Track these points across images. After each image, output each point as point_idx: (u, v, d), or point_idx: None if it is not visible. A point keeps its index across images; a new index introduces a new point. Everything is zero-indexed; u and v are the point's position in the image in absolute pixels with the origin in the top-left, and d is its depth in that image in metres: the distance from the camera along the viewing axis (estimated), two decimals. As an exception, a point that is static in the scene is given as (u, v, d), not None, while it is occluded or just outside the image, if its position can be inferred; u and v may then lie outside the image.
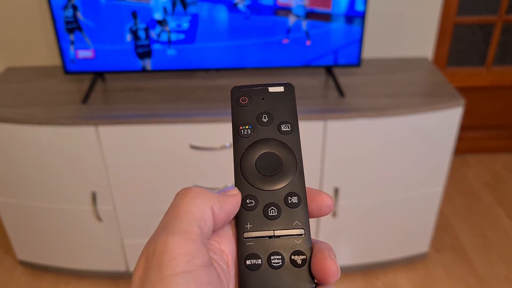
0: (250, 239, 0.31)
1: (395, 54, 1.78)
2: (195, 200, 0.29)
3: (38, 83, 1.61)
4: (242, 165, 0.33)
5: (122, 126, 1.38)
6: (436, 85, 1.56)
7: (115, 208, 1.55)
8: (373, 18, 1.64)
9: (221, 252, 0.30)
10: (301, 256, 0.31)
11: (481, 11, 2.02)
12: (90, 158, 1.44)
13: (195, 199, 0.29)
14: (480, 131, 2.38)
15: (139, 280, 0.26)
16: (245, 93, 0.35)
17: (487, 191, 2.19)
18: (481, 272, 1.77)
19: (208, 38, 1.44)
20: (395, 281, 1.74)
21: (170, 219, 0.28)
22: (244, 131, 0.33)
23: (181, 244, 0.26)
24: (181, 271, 0.25)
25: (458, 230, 1.97)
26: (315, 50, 1.47)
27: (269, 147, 0.33)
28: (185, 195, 0.29)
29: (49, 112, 1.42)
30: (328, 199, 0.32)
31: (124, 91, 1.55)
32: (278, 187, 0.32)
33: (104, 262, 1.70)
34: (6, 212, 1.61)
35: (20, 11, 1.66)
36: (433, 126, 1.46)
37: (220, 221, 0.30)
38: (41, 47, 1.74)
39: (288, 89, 0.35)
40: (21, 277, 1.77)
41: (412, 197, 1.60)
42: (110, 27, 1.41)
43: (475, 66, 2.16)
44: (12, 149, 1.45)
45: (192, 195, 0.29)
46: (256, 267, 0.30)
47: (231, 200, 0.31)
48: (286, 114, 0.34)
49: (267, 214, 0.31)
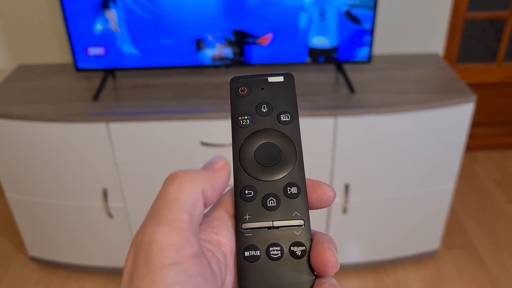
0: (249, 230, 0.30)
1: (406, 50, 1.77)
2: (183, 186, 0.28)
3: (49, 80, 1.62)
4: (241, 155, 0.32)
5: (133, 123, 1.39)
6: (447, 82, 1.55)
7: (125, 205, 1.55)
8: (383, 14, 1.63)
9: (219, 243, 0.29)
10: (301, 248, 0.30)
11: (492, 6, 2.00)
12: (101, 155, 1.45)
13: (183, 185, 0.28)
14: (491, 127, 2.36)
15: (128, 274, 0.25)
16: (244, 83, 0.34)
17: (498, 188, 2.18)
18: (491, 270, 1.76)
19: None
20: (405, 278, 1.74)
21: (158, 207, 0.27)
22: (243, 121, 0.33)
23: (169, 235, 0.25)
24: (169, 263, 0.24)
25: (468, 227, 1.96)
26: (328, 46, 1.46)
27: (268, 137, 0.33)
28: (174, 181, 0.28)
29: (60, 109, 1.43)
30: (329, 190, 0.31)
31: (134, 88, 1.56)
32: (277, 177, 0.32)
33: (115, 259, 1.71)
34: (17, 209, 1.63)
35: (31, 9, 1.67)
36: (444, 123, 1.45)
37: (212, 199, 0.30)
38: (52, 45, 1.75)
39: (288, 78, 0.34)
40: (33, 273, 1.79)
41: (423, 194, 1.59)
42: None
43: (485, 62, 2.15)
44: (24, 146, 1.46)
45: (180, 182, 0.28)
46: (254, 259, 0.30)
47: (221, 175, 0.30)
48: (286, 104, 0.34)
49: (266, 204, 0.31)
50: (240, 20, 1.42)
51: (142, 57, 1.47)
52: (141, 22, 1.41)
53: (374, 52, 1.67)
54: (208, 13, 1.41)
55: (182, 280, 0.24)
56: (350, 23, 1.43)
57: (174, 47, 1.46)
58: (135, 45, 1.45)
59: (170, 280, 0.24)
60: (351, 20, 1.42)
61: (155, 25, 1.42)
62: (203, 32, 1.44)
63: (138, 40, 1.44)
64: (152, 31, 1.42)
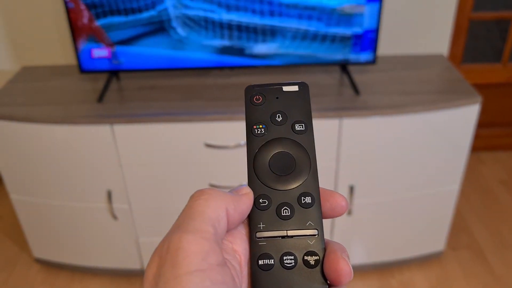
0: (263, 239, 0.31)
1: (410, 51, 1.77)
2: (209, 202, 0.29)
3: (53, 82, 1.62)
4: (255, 164, 0.33)
5: (137, 124, 1.39)
6: (452, 82, 1.55)
7: (130, 207, 1.55)
8: (388, 15, 1.63)
9: (234, 251, 0.30)
10: (314, 257, 0.30)
11: (497, 7, 2.00)
12: (106, 156, 1.45)
13: (209, 201, 0.29)
14: (496, 128, 2.35)
15: (152, 278, 0.26)
16: (259, 92, 0.35)
17: (503, 189, 2.17)
18: (497, 271, 1.75)
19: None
20: (411, 279, 1.73)
21: (184, 219, 0.28)
22: (258, 130, 0.33)
23: (195, 243, 0.26)
24: (195, 269, 0.25)
25: (474, 228, 1.95)
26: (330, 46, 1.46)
27: (282, 147, 0.33)
28: (199, 197, 0.29)
29: (65, 111, 1.43)
30: (341, 199, 0.32)
31: (139, 89, 1.56)
32: (291, 187, 0.32)
33: (119, 260, 1.71)
34: (22, 210, 1.63)
35: (35, 11, 1.67)
36: (450, 124, 1.45)
37: (234, 221, 0.30)
38: (56, 47, 1.75)
39: (302, 88, 0.35)
40: (37, 275, 1.79)
41: (428, 195, 1.59)
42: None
43: (491, 63, 2.14)
44: (28, 147, 1.46)
45: (206, 197, 0.29)
46: (268, 267, 0.30)
47: (244, 199, 0.31)
48: (300, 114, 0.34)
49: (280, 214, 0.31)
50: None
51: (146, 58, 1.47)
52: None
53: (378, 53, 1.67)
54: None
55: (207, 286, 0.25)
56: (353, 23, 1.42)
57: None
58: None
59: (195, 285, 0.25)
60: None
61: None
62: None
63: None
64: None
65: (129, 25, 1.41)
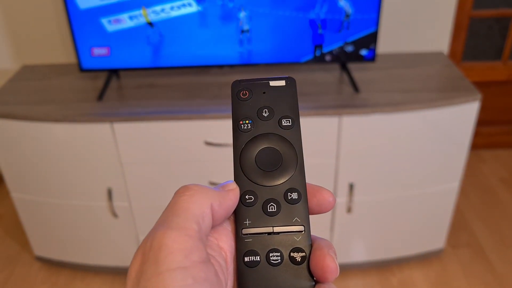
0: (249, 235, 0.30)
1: (410, 49, 1.77)
2: (194, 198, 0.29)
3: (53, 80, 1.62)
4: (241, 160, 0.32)
5: (137, 123, 1.39)
6: (452, 80, 1.54)
7: (130, 205, 1.56)
8: (388, 12, 1.63)
9: (219, 248, 0.30)
10: (301, 253, 0.30)
11: (497, 4, 1.99)
12: (106, 154, 1.45)
13: (194, 197, 0.29)
14: (496, 126, 2.35)
15: (135, 275, 0.26)
16: (246, 87, 0.34)
17: (503, 187, 2.17)
18: (498, 269, 1.75)
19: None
20: (411, 277, 1.73)
21: (168, 215, 0.28)
22: (244, 125, 0.33)
23: (178, 240, 0.26)
24: (177, 267, 0.25)
25: (474, 226, 1.95)
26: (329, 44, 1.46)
27: (269, 142, 0.32)
28: (184, 193, 0.29)
29: (65, 110, 1.43)
30: (329, 195, 0.31)
31: (138, 88, 1.56)
32: (278, 182, 0.32)
33: (120, 258, 1.72)
34: (23, 209, 1.63)
35: (35, 9, 1.68)
36: (449, 122, 1.45)
37: (219, 217, 0.30)
38: (56, 45, 1.75)
39: (289, 82, 0.34)
40: (38, 273, 1.79)
41: (428, 193, 1.59)
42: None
43: (491, 61, 2.14)
44: (28, 146, 1.46)
45: (191, 193, 0.29)
46: (254, 264, 0.30)
47: (230, 195, 0.31)
48: (287, 109, 0.33)
49: (267, 210, 0.31)
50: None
51: (146, 57, 1.47)
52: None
53: (378, 50, 1.67)
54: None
55: (188, 284, 0.25)
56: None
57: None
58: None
59: (177, 283, 0.25)
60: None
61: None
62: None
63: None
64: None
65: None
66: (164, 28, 1.42)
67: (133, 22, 1.42)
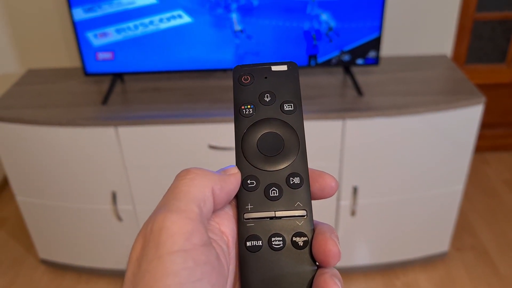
0: (251, 220, 0.30)
1: (414, 52, 1.77)
2: (195, 181, 0.29)
3: (58, 84, 1.63)
4: (243, 145, 0.32)
5: (142, 126, 1.39)
6: (455, 83, 1.54)
7: (134, 208, 1.56)
8: (391, 15, 1.63)
9: (221, 233, 0.30)
10: (303, 238, 0.30)
11: (500, 7, 1.99)
12: (110, 158, 1.46)
13: (194, 180, 0.29)
14: (500, 128, 2.35)
15: (136, 259, 0.26)
16: (248, 72, 0.34)
17: (508, 189, 2.16)
18: (502, 272, 1.75)
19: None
20: (415, 280, 1.73)
21: (169, 199, 0.28)
22: (246, 110, 0.33)
23: (179, 223, 0.26)
24: (178, 249, 0.25)
25: (478, 229, 1.95)
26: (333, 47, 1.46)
27: (271, 127, 0.32)
28: (185, 176, 0.29)
29: (69, 113, 1.44)
30: (331, 180, 0.31)
31: (142, 92, 1.56)
32: (279, 167, 0.31)
33: (124, 261, 1.72)
34: (28, 212, 1.64)
35: (40, 14, 1.69)
36: (453, 124, 1.45)
37: (221, 201, 0.30)
38: (61, 49, 1.76)
39: (291, 67, 0.34)
40: (43, 276, 1.80)
41: (432, 196, 1.58)
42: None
43: (495, 63, 2.13)
44: (33, 149, 1.47)
45: (192, 176, 0.29)
46: (256, 249, 0.29)
47: (232, 179, 0.31)
48: (289, 94, 0.33)
49: (268, 194, 0.31)
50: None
51: (150, 61, 1.48)
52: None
53: (382, 54, 1.67)
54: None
55: (189, 266, 0.25)
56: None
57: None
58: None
59: (177, 266, 0.24)
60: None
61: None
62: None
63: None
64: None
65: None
66: (158, 38, 1.43)
67: (120, 35, 1.42)
